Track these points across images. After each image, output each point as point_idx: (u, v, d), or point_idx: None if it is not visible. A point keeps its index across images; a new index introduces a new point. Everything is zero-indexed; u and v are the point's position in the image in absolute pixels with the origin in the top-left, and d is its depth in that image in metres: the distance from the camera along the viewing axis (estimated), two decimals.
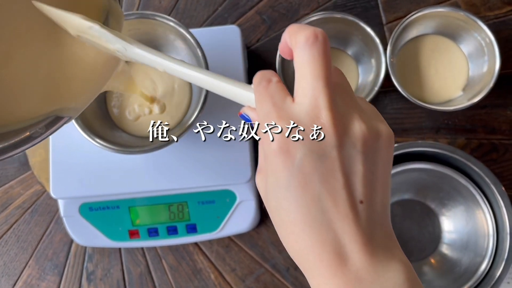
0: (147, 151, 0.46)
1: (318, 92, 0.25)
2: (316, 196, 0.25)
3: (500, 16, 0.62)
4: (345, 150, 0.25)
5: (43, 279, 0.61)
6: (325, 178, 0.24)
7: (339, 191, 0.24)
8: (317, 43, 0.25)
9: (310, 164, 0.24)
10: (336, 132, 0.24)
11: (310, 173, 0.24)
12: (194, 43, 0.48)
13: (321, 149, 0.24)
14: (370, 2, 0.63)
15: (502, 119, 0.60)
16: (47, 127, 0.30)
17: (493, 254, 0.50)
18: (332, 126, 0.24)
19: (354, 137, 0.25)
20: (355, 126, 0.25)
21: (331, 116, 0.24)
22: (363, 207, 0.25)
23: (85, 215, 0.56)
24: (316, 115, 0.24)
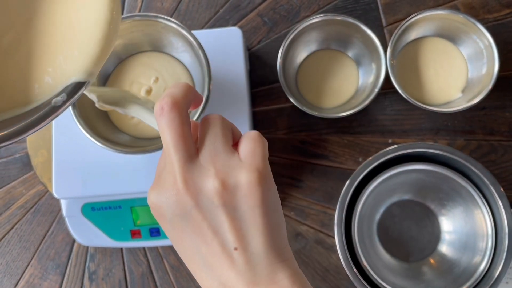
0: (149, 151, 0.47)
1: (172, 158, 0.27)
2: (194, 248, 0.28)
3: (499, 18, 0.62)
4: (204, 207, 0.27)
5: (45, 278, 0.62)
6: (195, 234, 0.27)
7: (211, 243, 0.27)
8: (163, 115, 0.28)
9: (178, 224, 0.28)
10: (190, 194, 0.27)
11: (182, 230, 0.28)
12: (196, 45, 0.48)
13: (182, 211, 0.27)
14: (370, 5, 0.64)
15: (501, 120, 0.60)
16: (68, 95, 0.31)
17: (491, 254, 0.51)
18: (184, 189, 0.27)
19: (209, 193, 0.27)
20: (208, 183, 0.27)
21: (183, 181, 0.27)
22: (237, 254, 0.27)
23: (87, 215, 0.57)
24: (174, 181, 0.27)
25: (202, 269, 0.28)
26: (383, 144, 0.61)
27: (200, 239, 0.27)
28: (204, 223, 0.27)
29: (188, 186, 0.27)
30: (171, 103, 0.28)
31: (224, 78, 0.56)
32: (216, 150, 0.28)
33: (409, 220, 0.58)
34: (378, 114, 0.61)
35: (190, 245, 0.28)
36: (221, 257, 0.27)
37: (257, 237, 0.27)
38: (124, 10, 0.67)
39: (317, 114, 0.56)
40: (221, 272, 0.27)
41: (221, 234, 0.27)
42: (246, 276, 0.27)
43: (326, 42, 0.61)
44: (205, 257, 0.27)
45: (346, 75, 0.61)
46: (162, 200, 0.28)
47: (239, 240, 0.27)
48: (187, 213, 0.27)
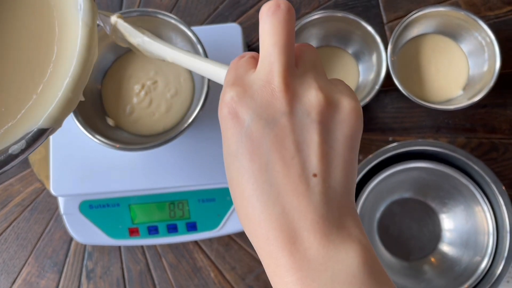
0: (148, 148, 0.46)
1: (273, 58, 0.24)
2: (264, 165, 0.23)
3: (501, 15, 0.62)
4: (296, 118, 0.24)
5: (42, 276, 0.61)
6: (275, 146, 0.23)
7: (289, 161, 0.23)
8: (278, 12, 0.25)
9: (258, 130, 0.23)
10: (287, 98, 0.23)
11: (259, 139, 0.23)
12: (195, 41, 0.48)
13: (270, 115, 0.23)
14: (371, 1, 0.63)
15: (502, 118, 0.60)
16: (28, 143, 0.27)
17: (493, 252, 0.51)
18: (282, 91, 0.24)
19: (309, 104, 0.24)
20: (311, 94, 0.24)
21: (283, 82, 0.24)
22: (316, 181, 0.23)
23: (85, 212, 0.56)
24: (269, 80, 0.24)
25: (262, 193, 0.23)
26: (384, 142, 0.61)
27: (278, 155, 0.23)
28: (291, 136, 0.23)
29: (288, 88, 0.23)
30: (288, 4, 0.25)
31: None
32: (317, 71, 0.26)
33: (409, 219, 0.58)
34: (379, 112, 0.61)
35: (259, 161, 0.23)
36: (296, 180, 0.23)
37: (340, 171, 0.24)
38: (123, 5, 0.66)
39: None
40: (289, 199, 0.23)
41: (305, 153, 0.23)
42: (318, 208, 0.23)
43: (326, 39, 0.60)
44: (275, 177, 0.23)
45: (346, 72, 0.60)
46: (249, 98, 0.24)
47: (323, 166, 0.23)
48: (275, 120, 0.23)
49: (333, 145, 0.24)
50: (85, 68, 0.28)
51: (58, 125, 0.28)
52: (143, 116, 0.51)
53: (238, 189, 0.24)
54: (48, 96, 0.28)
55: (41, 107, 0.28)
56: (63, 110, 0.28)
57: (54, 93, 0.28)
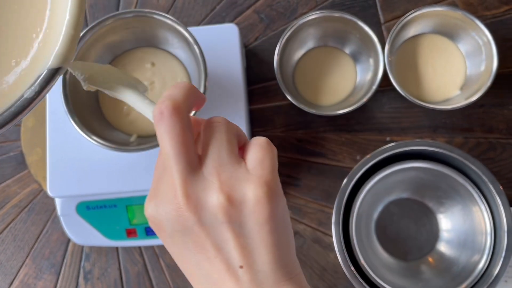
0: (145, 149, 0.46)
1: (171, 167, 0.25)
2: (196, 265, 0.26)
3: (498, 15, 0.62)
4: (206, 223, 0.25)
5: (40, 278, 0.61)
6: (198, 250, 0.26)
7: (214, 260, 0.26)
8: (162, 120, 0.25)
9: (179, 239, 0.26)
10: (192, 210, 0.25)
11: (183, 246, 0.26)
12: (192, 42, 0.48)
13: (184, 226, 0.25)
14: (368, 1, 0.63)
15: (500, 118, 0.60)
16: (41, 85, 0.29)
17: (490, 252, 0.51)
18: (185, 204, 0.25)
19: (213, 208, 0.25)
20: (213, 197, 0.25)
21: (184, 194, 0.25)
22: (243, 271, 0.25)
23: (82, 214, 0.56)
24: (173, 193, 0.25)
25: (204, 286, 0.26)
26: (381, 142, 0.60)
27: (203, 256, 0.26)
28: (207, 240, 0.25)
29: (190, 201, 0.25)
30: (172, 107, 0.25)
31: (221, 76, 0.56)
32: (220, 160, 0.26)
33: (407, 219, 0.58)
34: (376, 112, 0.61)
35: (192, 261, 0.26)
36: (225, 275, 0.25)
37: (264, 255, 0.26)
38: (119, 5, 0.66)
39: (315, 112, 0.55)
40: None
41: (226, 251, 0.25)
42: None
43: (323, 39, 0.60)
44: (207, 274, 0.26)
45: (344, 72, 0.60)
46: (161, 214, 0.26)
47: (245, 257, 0.25)
48: (188, 229, 0.26)
49: (250, 235, 0.26)
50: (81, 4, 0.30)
51: (66, 63, 0.29)
52: (140, 117, 0.51)
53: (188, 277, 0.28)
54: (52, 38, 0.30)
55: (48, 50, 0.29)
56: (68, 47, 0.29)
57: (57, 34, 0.29)
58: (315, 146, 0.61)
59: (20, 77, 0.30)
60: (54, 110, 0.55)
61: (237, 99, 0.55)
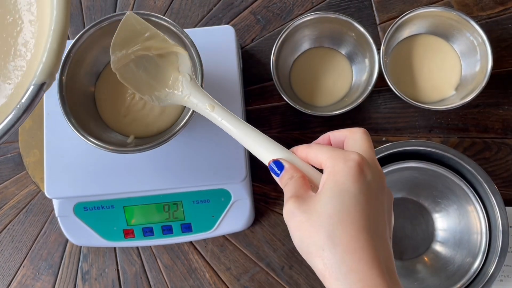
0: (142, 150, 0.46)
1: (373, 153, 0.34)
2: (374, 210, 0.31)
3: (493, 16, 0.62)
4: (384, 193, 0.33)
5: (37, 279, 0.61)
6: (381, 203, 0.32)
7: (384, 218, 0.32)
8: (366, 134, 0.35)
9: (375, 186, 0.32)
10: (384, 178, 0.34)
11: (375, 193, 0.32)
12: (188, 43, 0.48)
13: (381, 182, 0.33)
14: (363, 2, 0.64)
15: (495, 118, 0.60)
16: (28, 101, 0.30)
17: (485, 252, 0.51)
18: (382, 173, 0.34)
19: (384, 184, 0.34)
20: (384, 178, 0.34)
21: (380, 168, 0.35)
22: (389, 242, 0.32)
23: (80, 215, 0.56)
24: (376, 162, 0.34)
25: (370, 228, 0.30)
26: (377, 142, 0.61)
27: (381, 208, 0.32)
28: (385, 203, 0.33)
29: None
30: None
31: (217, 77, 0.56)
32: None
33: (403, 218, 0.58)
34: (372, 112, 0.61)
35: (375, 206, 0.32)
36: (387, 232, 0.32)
37: None
38: (116, 7, 0.66)
39: (311, 112, 0.55)
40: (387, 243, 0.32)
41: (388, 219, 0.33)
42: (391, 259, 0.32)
43: (319, 40, 0.61)
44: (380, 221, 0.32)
45: (340, 73, 0.60)
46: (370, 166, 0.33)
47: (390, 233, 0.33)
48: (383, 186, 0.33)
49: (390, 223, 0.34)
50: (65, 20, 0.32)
51: (52, 78, 0.31)
52: (137, 118, 0.51)
53: (348, 218, 0.30)
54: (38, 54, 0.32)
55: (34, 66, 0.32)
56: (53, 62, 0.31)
57: (42, 50, 0.31)
58: None
59: (11, 95, 0.31)
60: (51, 112, 0.55)
61: (234, 100, 0.55)
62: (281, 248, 0.60)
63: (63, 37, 0.32)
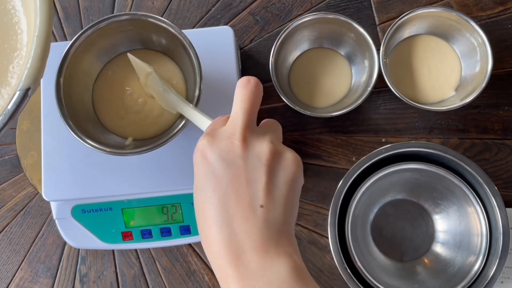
0: (140, 153, 0.46)
1: (238, 119, 0.33)
2: (222, 196, 0.30)
3: (493, 16, 0.62)
4: (249, 161, 0.31)
5: (35, 281, 0.61)
6: (232, 182, 0.30)
7: (242, 194, 0.30)
8: (248, 85, 0.34)
9: (221, 169, 0.31)
10: (243, 146, 0.31)
11: (220, 176, 0.31)
12: (187, 44, 0.48)
13: (230, 158, 0.31)
14: (363, 3, 0.63)
15: (495, 119, 0.60)
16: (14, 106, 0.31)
17: (486, 253, 0.51)
18: (240, 141, 0.32)
19: (260, 152, 0.32)
20: (263, 144, 0.32)
21: (242, 134, 0.32)
22: (262, 211, 0.30)
23: (78, 217, 0.56)
24: (233, 133, 0.32)
25: (218, 218, 0.30)
26: (377, 143, 0.61)
27: (233, 187, 0.30)
28: (244, 174, 0.30)
29: (244, 141, 0.31)
30: (257, 81, 0.34)
31: (216, 78, 0.55)
32: (274, 134, 0.35)
33: (403, 220, 0.58)
34: (371, 113, 0.61)
35: (219, 193, 0.30)
36: (245, 208, 0.30)
37: (282, 205, 0.31)
38: (114, 8, 0.66)
39: (310, 114, 0.55)
40: (239, 223, 0.29)
41: (255, 188, 0.30)
42: (261, 232, 0.29)
43: (318, 41, 0.60)
44: (230, 206, 0.30)
45: (339, 74, 0.60)
46: (215, 145, 0.32)
47: (268, 199, 0.30)
48: (233, 161, 0.31)
49: (277, 185, 0.31)
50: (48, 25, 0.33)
51: (37, 83, 0.32)
52: (135, 120, 0.51)
53: (201, 213, 0.31)
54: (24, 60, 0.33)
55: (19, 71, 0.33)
56: (38, 67, 0.32)
57: (27, 56, 0.32)
58: (311, 147, 0.61)
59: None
60: (48, 114, 0.55)
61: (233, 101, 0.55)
62: None
63: (47, 43, 0.33)
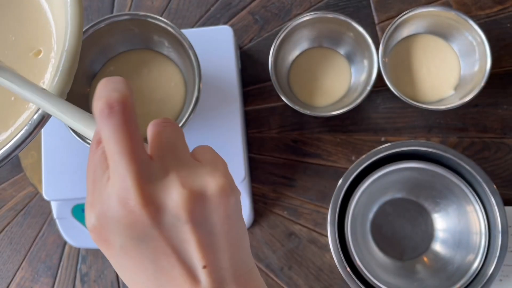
0: None
1: (122, 170, 0.22)
2: (151, 276, 0.24)
3: (491, 15, 0.62)
4: (167, 226, 0.23)
5: (36, 281, 0.61)
6: (156, 257, 0.23)
7: (174, 266, 0.23)
8: (112, 114, 0.22)
9: (134, 249, 0.23)
10: (150, 213, 0.22)
11: (138, 256, 0.23)
12: (186, 44, 0.48)
13: (141, 233, 0.23)
14: (362, 2, 0.63)
15: (494, 117, 0.60)
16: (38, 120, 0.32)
17: (485, 252, 0.51)
18: (142, 208, 0.22)
19: (175, 208, 0.23)
20: (174, 195, 0.23)
21: (140, 197, 0.22)
22: (207, 271, 0.23)
23: (78, 216, 0.56)
24: (126, 197, 0.22)
25: None
26: (376, 142, 0.61)
27: (162, 263, 0.24)
28: (168, 245, 0.23)
29: (147, 202, 0.22)
30: (122, 100, 0.22)
31: (215, 77, 0.56)
32: (178, 158, 0.24)
33: (402, 219, 0.58)
34: (371, 112, 0.61)
35: (147, 272, 0.24)
36: (185, 280, 0.23)
37: (226, 251, 0.24)
38: (114, 8, 0.66)
39: (309, 113, 0.55)
40: None
41: (188, 254, 0.23)
42: None
43: (318, 40, 0.60)
44: (164, 283, 0.24)
45: (338, 73, 0.60)
46: (110, 223, 0.23)
47: (208, 256, 0.24)
48: (146, 236, 0.23)
49: (213, 231, 0.24)
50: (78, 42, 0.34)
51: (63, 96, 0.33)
52: None
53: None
54: None
55: None
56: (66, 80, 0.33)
57: None
58: (310, 147, 0.61)
59: None
60: None
61: (232, 101, 0.55)
62: (281, 249, 0.59)
63: (76, 57, 0.32)
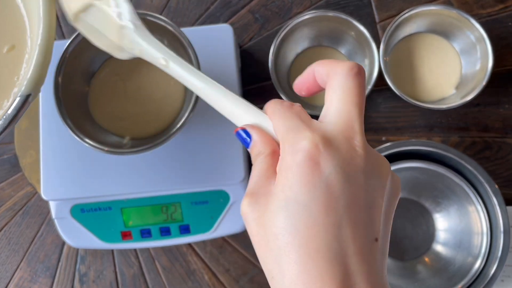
0: (139, 152, 0.46)
1: (354, 117, 0.25)
2: (337, 222, 0.23)
3: (493, 14, 0.62)
4: (371, 179, 0.24)
5: (35, 281, 0.61)
6: (351, 204, 0.23)
7: (360, 222, 0.23)
8: (361, 74, 0.26)
9: (339, 183, 0.23)
10: (366, 157, 0.24)
11: (338, 194, 0.23)
12: (185, 43, 0.47)
13: (352, 170, 0.23)
14: (363, 1, 0.63)
15: (495, 117, 0.60)
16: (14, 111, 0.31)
17: (487, 252, 0.50)
18: (362, 149, 0.24)
19: (382, 169, 0.25)
20: (382, 159, 0.25)
21: (363, 140, 0.24)
22: (377, 246, 0.23)
23: (77, 216, 0.56)
24: (351, 136, 0.24)
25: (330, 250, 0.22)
26: (377, 141, 0.60)
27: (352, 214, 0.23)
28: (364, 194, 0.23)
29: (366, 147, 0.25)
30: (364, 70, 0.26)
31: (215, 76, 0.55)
32: None
33: (403, 219, 0.58)
34: (372, 112, 0.61)
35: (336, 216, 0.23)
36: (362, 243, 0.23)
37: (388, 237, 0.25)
38: None
39: (310, 112, 0.54)
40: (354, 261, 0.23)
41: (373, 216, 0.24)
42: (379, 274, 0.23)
43: (318, 39, 0.60)
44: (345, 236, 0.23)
45: None
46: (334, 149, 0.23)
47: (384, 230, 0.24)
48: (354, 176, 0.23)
49: (390, 212, 0.25)
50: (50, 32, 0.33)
51: (37, 90, 0.32)
52: (134, 119, 0.51)
53: (299, 236, 0.23)
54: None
55: None
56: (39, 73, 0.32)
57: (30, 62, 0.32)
58: None
59: None
60: (47, 113, 0.54)
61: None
62: None
63: (49, 51, 0.32)
